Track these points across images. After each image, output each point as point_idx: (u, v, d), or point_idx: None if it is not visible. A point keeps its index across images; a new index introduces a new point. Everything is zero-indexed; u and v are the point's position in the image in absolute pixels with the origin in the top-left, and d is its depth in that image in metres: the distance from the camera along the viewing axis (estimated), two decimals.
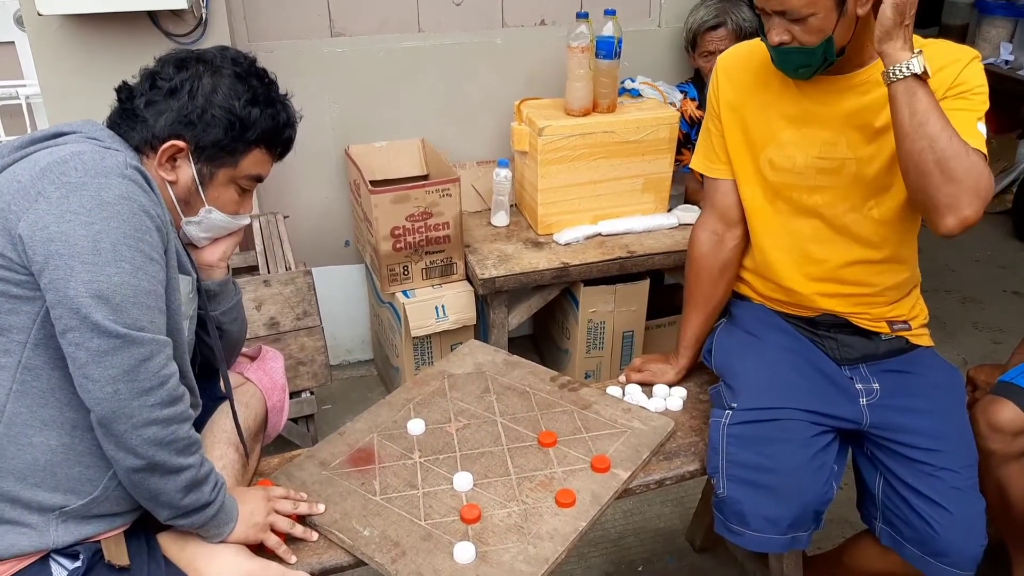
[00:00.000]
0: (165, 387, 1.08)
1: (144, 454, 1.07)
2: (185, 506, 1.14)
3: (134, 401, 1.04)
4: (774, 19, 1.39)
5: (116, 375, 1.03)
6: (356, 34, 2.52)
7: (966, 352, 3.00)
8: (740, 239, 1.69)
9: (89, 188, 1.05)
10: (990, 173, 1.32)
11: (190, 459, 1.12)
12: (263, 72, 1.27)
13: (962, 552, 1.40)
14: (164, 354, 1.09)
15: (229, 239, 1.36)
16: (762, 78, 1.55)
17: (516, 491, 1.39)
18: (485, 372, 1.73)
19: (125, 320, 1.04)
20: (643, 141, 2.39)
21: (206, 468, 1.16)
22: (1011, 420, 1.62)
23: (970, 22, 4.47)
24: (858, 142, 1.47)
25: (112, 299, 1.03)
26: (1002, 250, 3.85)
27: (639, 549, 2.16)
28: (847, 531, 2.02)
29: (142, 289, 1.06)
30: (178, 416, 1.10)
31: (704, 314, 1.73)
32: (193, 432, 1.14)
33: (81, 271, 1.02)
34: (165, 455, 1.08)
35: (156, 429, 1.07)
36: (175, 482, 1.11)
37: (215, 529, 1.19)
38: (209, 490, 1.16)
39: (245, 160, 1.25)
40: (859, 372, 1.53)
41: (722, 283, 1.71)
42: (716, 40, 2.52)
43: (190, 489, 1.13)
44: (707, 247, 1.69)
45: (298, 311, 2.14)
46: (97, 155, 1.08)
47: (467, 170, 2.63)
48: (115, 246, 1.04)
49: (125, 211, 1.06)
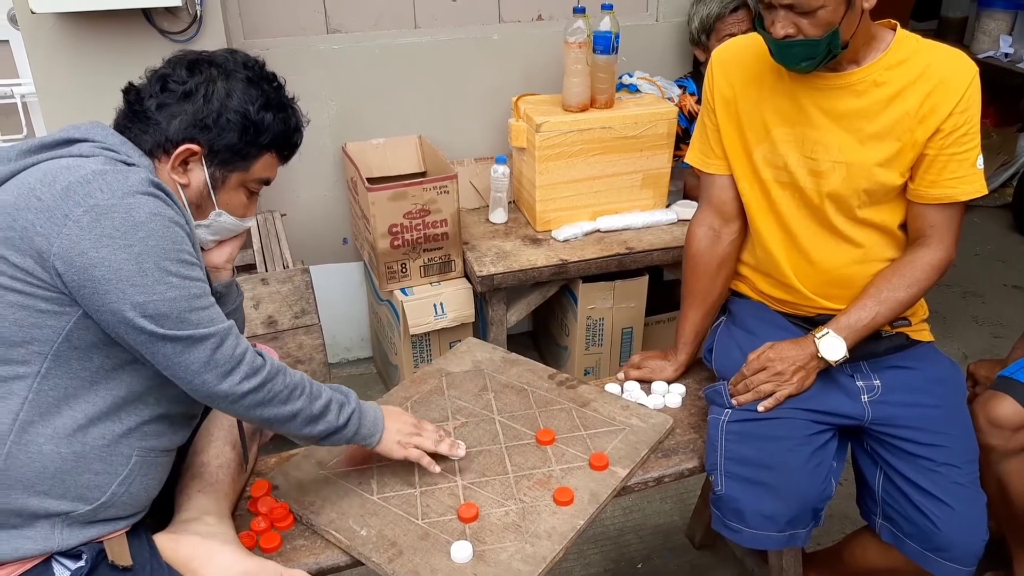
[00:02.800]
0: (243, 363, 1.15)
1: (255, 416, 1.18)
2: (319, 434, 1.26)
3: (222, 384, 1.12)
4: (779, 12, 1.36)
5: (197, 369, 1.10)
6: (352, 31, 2.51)
7: (966, 346, 3.00)
8: (738, 234, 1.67)
9: (119, 210, 1.05)
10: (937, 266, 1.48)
11: (297, 403, 1.21)
12: (273, 76, 1.27)
13: (963, 548, 1.39)
14: (232, 335, 1.14)
15: (234, 241, 1.36)
16: (756, 73, 1.54)
17: (514, 489, 1.38)
18: (483, 370, 1.72)
19: (187, 327, 1.09)
20: (641, 137, 2.38)
21: (321, 402, 1.25)
22: (1011, 415, 1.62)
23: (969, 15, 4.46)
24: (850, 146, 1.46)
25: (170, 314, 1.07)
26: (1002, 244, 3.84)
27: (638, 546, 2.16)
28: (847, 527, 2.01)
29: (193, 295, 1.10)
30: (267, 379, 1.17)
31: (702, 310, 1.72)
32: (291, 376, 1.22)
33: (133, 293, 1.05)
34: (272, 410, 1.19)
35: (251, 397, 1.16)
36: (295, 423, 1.22)
37: (362, 440, 1.32)
38: (335, 417, 1.26)
39: (256, 164, 1.25)
40: (860, 369, 1.53)
41: (720, 278, 1.70)
42: (737, 22, 2.48)
43: (313, 422, 1.24)
44: (704, 243, 1.68)
45: (296, 309, 2.13)
46: (120, 175, 1.08)
47: (465, 167, 2.62)
48: (158, 263, 1.06)
49: (158, 227, 1.07)
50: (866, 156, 1.45)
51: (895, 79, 1.42)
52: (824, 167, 1.49)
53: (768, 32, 1.40)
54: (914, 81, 1.41)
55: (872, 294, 1.48)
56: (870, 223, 1.51)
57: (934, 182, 1.45)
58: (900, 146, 1.43)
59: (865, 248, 1.53)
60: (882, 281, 1.49)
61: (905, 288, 1.47)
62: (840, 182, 1.48)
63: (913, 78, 1.41)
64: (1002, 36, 4.18)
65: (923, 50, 1.43)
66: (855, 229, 1.52)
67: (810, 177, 1.51)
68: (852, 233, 1.52)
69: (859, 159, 1.46)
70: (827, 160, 1.48)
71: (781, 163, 1.53)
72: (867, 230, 1.52)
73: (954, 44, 4.59)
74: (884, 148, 1.44)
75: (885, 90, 1.43)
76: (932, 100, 1.40)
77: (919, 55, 1.42)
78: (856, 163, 1.46)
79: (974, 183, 1.45)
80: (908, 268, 1.48)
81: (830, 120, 1.47)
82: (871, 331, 1.47)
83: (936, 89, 1.40)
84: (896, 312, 1.48)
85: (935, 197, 1.46)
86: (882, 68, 1.42)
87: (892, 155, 1.44)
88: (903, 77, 1.41)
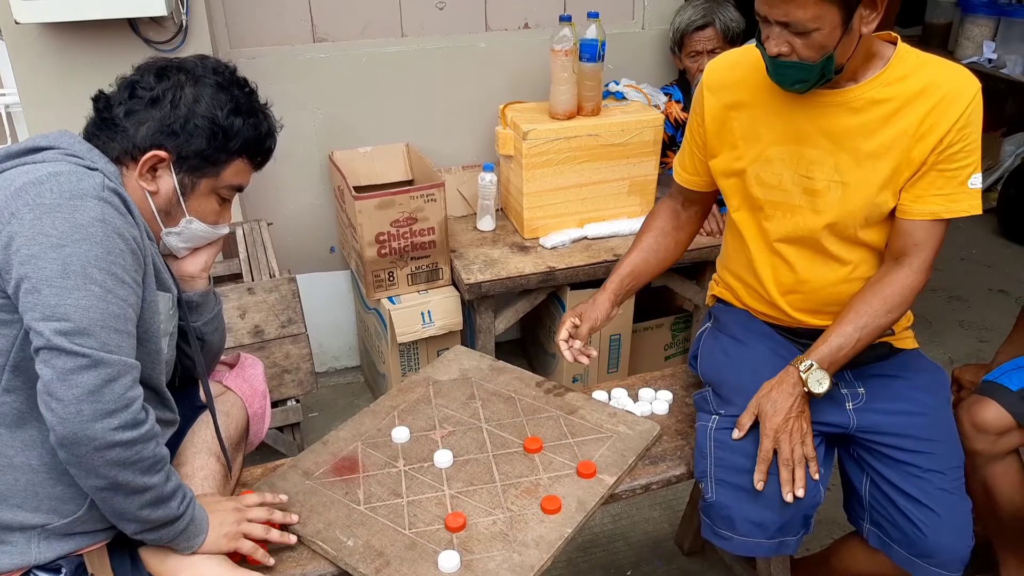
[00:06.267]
0: (129, 410, 1.05)
1: (107, 475, 1.05)
2: (153, 521, 1.12)
3: (97, 423, 1.01)
4: (775, 28, 1.31)
5: (80, 395, 1.00)
6: (339, 39, 2.51)
7: (952, 351, 3.01)
8: (696, 217, 1.72)
9: (63, 210, 1.04)
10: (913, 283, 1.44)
11: (155, 477, 1.10)
12: (244, 81, 1.26)
13: (949, 553, 1.40)
14: (130, 376, 1.06)
15: (209, 249, 1.35)
16: (749, 89, 1.49)
17: (501, 498, 1.38)
18: (470, 378, 1.72)
19: (91, 343, 1.02)
20: (628, 144, 2.39)
21: (172, 483, 1.13)
22: (995, 420, 1.63)
23: (953, 21, 4.50)
24: (847, 166, 1.42)
25: (79, 322, 1.02)
26: (988, 249, 3.87)
27: (628, 553, 2.16)
28: (835, 532, 2.02)
29: (111, 313, 1.05)
30: (142, 437, 1.07)
31: (642, 256, 1.69)
32: (160, 449, 1.11)
33: (49, 295, 1.01)
34: (128, 475, 1.06)
35: (119, 451, 1.04)
36: (140, 500, 1.09)
37: (185, 542, 1.17)
38: (176, 505, 1.14)
39: (227, 170, 1.24)
40: (844, 377, 1.52)
41: (670, 240, 1.71)
42: (703, 40, 2.52)
43: (156, 505, 1.11)
44: (666, 211, 1.73)
45: (283, 319, 2.12)
46: (75, 176, 1.07)
47: (452, 175, 2.62)
48: (85, 269, 1.03)
49: (99, 234, 1.05)
50: (863, 176, 1.41)
51: (894, 96, 1.37)
52: (820, 186, 1.44)
53: (764, 47, 1.36)
54: (914, 99, 1.36)
55: (852, 320, 1.42)
56: (863, 243, 1.48)
57: (919, 197, 1.40)
58: (896, 165, 1.39)
59: (854, 265, 1.49)
60: (863, 306, 1.43)
61: (886, 314, 1.42)
62: (836, 203, 1.44)
63: (912, 95, 1.36)
64: (985, 42, 4.22)
65: (924, 66, 1.38)
66: (848, 249, 1.48)
67: (804, 196, 1.47)
68: (844, 253, 1.48)
69: (855, 179, 1.42)
70: (823, 179, 1.44)
71: (775, 182, 1.49)
72: (859, 249, 1.49)
73: (938, 50, 4.64)
74: (881, 168, 1.40)
75: (884, 107, 1.38)
76: (932, 118, 1.35)
77: (920, 72, 1.37)
78: (852, 183, 1.42)
79: (961, 202, 1.40)
80: (889, 292, 1.43)
81: (827, 138, 1.42)
82: (852, 357, 1.43)
83: (936, 107, 1.35)
84: (876, 337, 1.45)
85: (919, 213, 1.41)
86: (881, 85, 1.38)
87: (888, 175, 1.40)
88: (902, 94, 1.37)
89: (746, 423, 1.43)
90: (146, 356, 1.17)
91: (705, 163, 1.60)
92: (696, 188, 1.66)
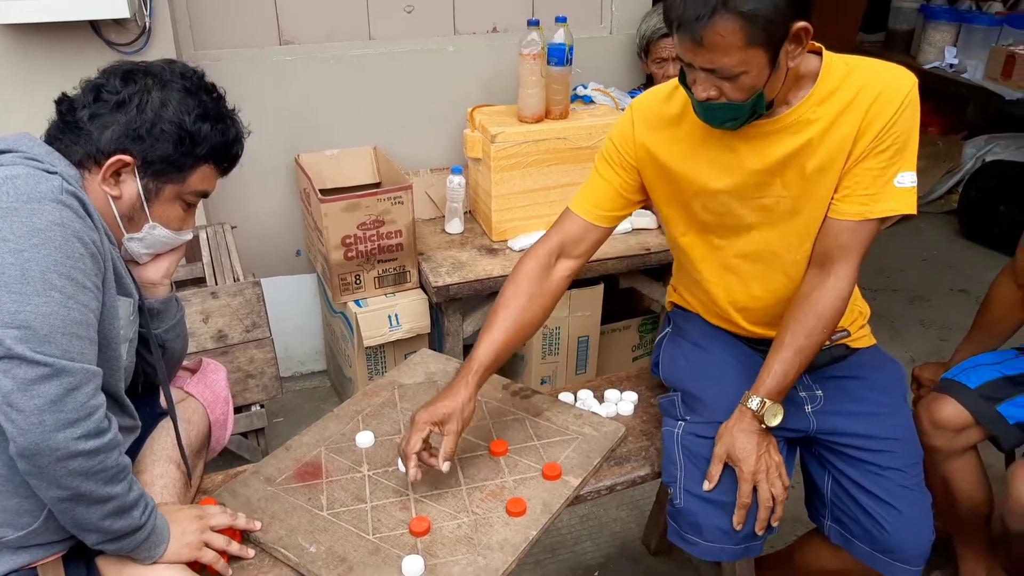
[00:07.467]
0: (92, 418, 1.03)
1: (69, 485, 1.03)
2: (114, 532, 1.10)
3: (59, 433, 0.99)
4: (700, 74, 1.26)
5: (42, 405, 0.98)
6: (305, 42, 2.49)
7: (913, 350, 3.07)
8: (570, 273, 1.56)
9: (21, 214, 1.02)
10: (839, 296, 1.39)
11: (117, 487, 1.08)
12: (212, 86, 1.25)
13: (911, 548, 1.42)
14: (92, 384, 1.04)
15: (172, 255, 1.33)
16: (684, 125, 1.44)
17: (467, 502, 1.38)
18: (436, 382, 1.71)
19: (53, 350, 1.00)
20: (596, 147, 2.39)
21: (134, 493, 1.12)
22: (953, 417, 1.66)
23: (916, 27, 4.58)
24: (792, 180, 1.40)
25: (40, 329, 0.99)
26: (949, 249, 3.94)
27: (595, 554, 2.16)
28: (798, 528, 2.03)
29: (72, 319, 1.03)
30: (105, 446, 1.05)
31: (504, 337, 1.47)
32: (122, 459, 1.10)
33: (7, 300, 0.99)
34: (91, 485, 1.04)
35: (81, 461, 1.02)
36: (102, 510, 1.07)
37: (146, 552, 1.15)
38: (139, 514, 1.12)
39: (193, 176, 1.23)
40: (802, 381, 1.53)
41: (536, 305, 1.52)
42: (669, 47, 2.54)
43: (118, 515, 1.09)
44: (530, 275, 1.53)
45: (247, 323, 2.10)
46: (32, 179, 1.05)
47: (420, 177, 2.62)
48: (44, 274, 1.01)
49: (57, 238, 1.03)
50: (812, 190, 1.39)
51: (828, 111, 1.34)
52: (769, 203, 1.42)
53: (690, 91, 1.31)
54: (848, 106, 1.34)
55: (789, 343, 1.39)
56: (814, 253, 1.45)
57: (847, 196, 1.37)
58: (842, 169, 1.37)
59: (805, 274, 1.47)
60: (797, 327, 1.39)
61: (822, 331, 1.40)
62: (785, 216, 1.42)
63: (847, 104, 1.34)
64: (947, 47, 4.31)
65: (854, 71, 1.35)
66: (799, 264, 1.46)
67: (758, 213, 1.44)
68: (796, 270, 1.46)
69: (806, 193, 1.40)
70: (772, 196, 1.42)
71: (723, 210, 1.46)
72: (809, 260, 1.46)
73: (901, 55, 4.71)
74: (830, 180, 1.37)
75: (821, 123, 1.35)
76: (868, 119, 1.33)
77: (850, 78, 1.34)
78: (803, 197, 1.40)
79: (886, 201, 1.35)
80: (821, 307, 1.39)
81: (770, 166, 1.39)
82: (800, 374, 1.42)
83: (871, 108, 1.33)
84: (817, 351, 1.42)
85: (843, 212, 1.37)
86: (815, 104, 1.34)
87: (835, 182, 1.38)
88: (837, 106, 1.34)
89: (716, 473, 1.40)
90: (105, 362, 1.15)
91: (629, 194, 1.54)
92: (602, 224, 1.56)
